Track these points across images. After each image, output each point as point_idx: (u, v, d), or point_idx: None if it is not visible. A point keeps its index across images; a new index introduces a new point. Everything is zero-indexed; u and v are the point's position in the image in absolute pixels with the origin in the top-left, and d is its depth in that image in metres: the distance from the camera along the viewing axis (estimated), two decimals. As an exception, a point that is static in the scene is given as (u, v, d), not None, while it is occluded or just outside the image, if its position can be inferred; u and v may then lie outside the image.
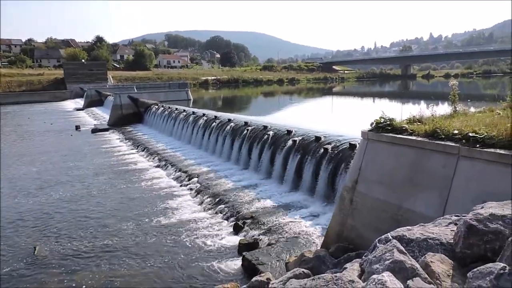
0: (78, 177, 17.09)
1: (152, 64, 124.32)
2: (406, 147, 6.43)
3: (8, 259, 9.35)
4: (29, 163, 20.44)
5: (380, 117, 7.15)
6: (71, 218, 12.11)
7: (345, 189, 7.69)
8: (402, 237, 3.47)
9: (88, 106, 55.37)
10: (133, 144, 24.49)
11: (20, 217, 12.26)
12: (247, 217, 10.84)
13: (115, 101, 35.72)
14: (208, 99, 65.85)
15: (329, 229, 8.03)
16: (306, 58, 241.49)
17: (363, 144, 7.37)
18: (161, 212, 12.17)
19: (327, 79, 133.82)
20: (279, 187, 13.34)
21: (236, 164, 16.86)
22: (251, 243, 9.15)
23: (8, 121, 43.23)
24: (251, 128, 17.19)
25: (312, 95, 72.39)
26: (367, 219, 7.07)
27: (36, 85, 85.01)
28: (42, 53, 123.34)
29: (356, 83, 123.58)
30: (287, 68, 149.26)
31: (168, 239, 10.12)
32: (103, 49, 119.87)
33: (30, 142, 27.98)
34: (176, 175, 16.37)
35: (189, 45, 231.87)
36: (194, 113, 24.29)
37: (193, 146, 21.72)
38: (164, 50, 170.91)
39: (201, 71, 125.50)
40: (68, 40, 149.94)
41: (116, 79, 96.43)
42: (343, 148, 11.59)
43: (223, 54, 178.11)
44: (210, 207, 12.27)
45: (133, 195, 14.23)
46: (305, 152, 12.97)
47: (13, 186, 16.06)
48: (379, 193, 6.88)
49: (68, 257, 9.34)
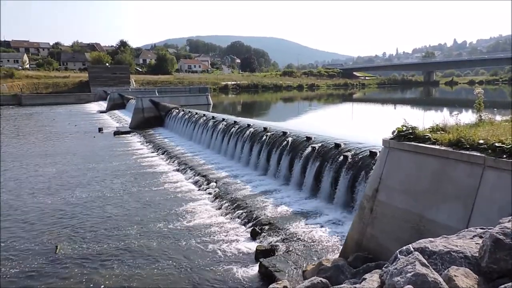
0: (99, 179, 17.44)
1: (174, 68, 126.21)
2: (429, 156, 6.29)
3: (31, 256, 9.59)
4: (51, 163, 20.99)
5: (402, 125, 7.03)
6: (91, 218, 12.35)
7: (365, 197, 7.58)
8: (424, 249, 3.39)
9: (111, 108, 56.60)
10: (154, 147, 24.84)
11: (42, 216, 12.59)
12: (265, 223, 10.81)
13: (137, 104, 36.37)
14: (228, 104, 66.26)
15: (348, 237, 7.92)
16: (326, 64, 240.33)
17: (384, 152, 7.26)
18: (180, 216, 12.27)
19: (347, 85, 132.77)
20: (298, 194, 13.26)
21: (254, 169, 16.87)
22: (268, 249, 9.10)
23: (34, 122, 44.59)
24: (270, 134, 17.18)
25: (332, 101, 71.86)
26: (387, 229, 6.93)
27: (62, 87, 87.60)
28: (69, 57, 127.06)
29: (377, 89, 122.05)
30: (307, 74, 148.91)
31: (186, 243, 10.18)
32: (127, 53, 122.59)
33: (54, 143, 28.75)
34: (195, 179, 16.49)
35: (210, 50, 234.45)
36: (214, 118, 24.47)
37: (212, 150, 21.87)
38: (185, 54, 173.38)
39: (221, 76, 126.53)
40: (93, 44, 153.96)
41: (139, 82, 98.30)
42: (363, 156, 11.44)
43: (243, 59, 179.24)
44: (228, 212, 12.30)
45: (152, 197, 14.41)
46: (324, 159, 12.86)
47: (35, 185, 16.51)
48: (400, 202, 6.75)
49: (88, 256, 9.52)
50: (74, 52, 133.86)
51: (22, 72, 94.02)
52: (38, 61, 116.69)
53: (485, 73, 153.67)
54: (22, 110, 61.15)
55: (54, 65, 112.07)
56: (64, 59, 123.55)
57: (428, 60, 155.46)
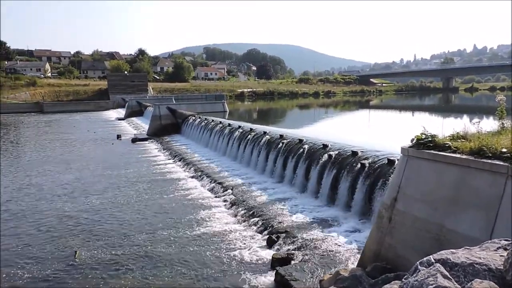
0: (117, 185, 17.69)
1: (191, 76, 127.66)
2: (449, 165, 6.16)
3: (50, 261, 9.78)
4: (71, 170, 21.43)
5: (421, 133, 6.92)
6: (109, 224, 12.52)
7: (384, 206, 7.46)
8: (446, 261, 3.31)
9: (129, 116, 57.52)
10: (170, 154, 25.09)
11: (61, 222, 12.83)
12: (281, 231, 10.75)
13: (154, 111, 36.88)
14: (244, 111, 66.55)
15: (366, 247, 7.80)
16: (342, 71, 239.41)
17: (403, 160, 7.15)
18: (196, 222, 12.32)
19: (364, 92, 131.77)
20: (314, 202, 13.16)
21: (270, 177, 16.84)
22: (285, 257, 9.04)
23: (55, 129, 45.69)
24: (287, 141, 17.14)
25: (349, 108, 71.40)
26: (406, 239, 6.80)
27: (82, 95, 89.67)
28: (89, 65, 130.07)
29: (395, 96, 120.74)
30: (323, 81, 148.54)
31: (202, 250, 10.21)
32: (145, 61, 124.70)
33: (74, 149, 29.36)
34: (211, 186, 16.56)
35: (226, 58, 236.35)
36: (230, 125, 24.59)
37: (228, 157, 21.94)
38: (202, 62, 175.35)
39: (237, 84, 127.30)
40: (113, 52, 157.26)
41: (156, 90, 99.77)
42: (381, 164, 11.29)
43: (259, 66, 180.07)
44: (244, 219, 12.29)
45: (169, 204, 14.53)
46: (341, 166, 12.75)
47: (55, 191, 16.85)
48: (420, 211, 6.62)
49: (106, 262, 9.64)
50: (94, 61, 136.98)
51: (44, 80, 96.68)
52: (60, 70, 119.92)
53: (507, 79, 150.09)
54: (44, 117, 62.76)
55: (74, 73, 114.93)
56: (84, 68, 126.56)
57: (447, 66, 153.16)
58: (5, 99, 78.73)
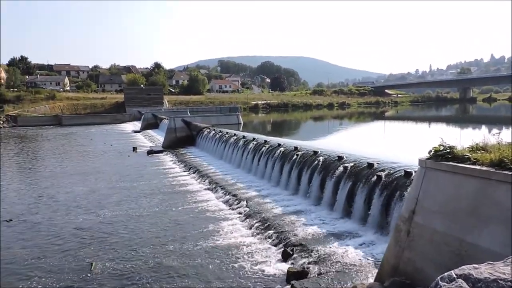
0: (132, 197, 17.85)
1: (205, 88, 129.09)
2: (469, 177, 6.02)
3: (66, 273, 9.85)
4: (87, 181, 21.73)
5: (439, 145, 6.79)
6: (125, 236, 12.59)
7: (401, 219, 7.31)
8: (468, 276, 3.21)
9: (144, 128, 58.31)
10: (185, 166, 25.24)
11: (77, 234, 12.95)
12: (296, 244, 10.63)
13: (169, 124, 37.27)
14: (258, 123, 66.71)
15: (384, 261, 7.63)
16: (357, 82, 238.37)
17: (421, 172, 7.01)
18: (211, 235, 12.29)
19: (379, 103, 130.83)
20: (330, 214, 13.00)
21: (285, 189, 16.74)
22: (300, 271, 8.91)
23: (72, 141, 46.59)
24: (301, 153, 17.07)
25: (363, 120, 70.87)
26: (426, 253, 6.63)
27: (99, 108, 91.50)
28: (106, 79, 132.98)
29: (410, 107, 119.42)
30: (337, 92, 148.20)
31: (216, 262, 10.15)
32: (160, 74, 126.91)
33: (91, 162, 29.83)
34: (226, 198, 16.55)
35: (241, 70, 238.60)
36: (244, 137, 24.64)
37: (243, 170, 21.94)
38: (216, 75, 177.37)
39: (252, 96, 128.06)
40: (129, 66, 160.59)
41: (171, 103, 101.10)
42: (398, 176, 11.11)
43: (273, 78, 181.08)
44: (259, 232, 12.20)
45: (183, 216, 14.55)
46: (357, 178, 12.59)
47: (71, 203, 17.07)
48: (439, 224, 6.46)
49: (121, 275, 9.67)
50: (111, 75, 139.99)
51: (63, 94, 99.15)
52: (78, 83, 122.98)
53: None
54: (62, 130, 64.12)
55: (92, 87, 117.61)
56: (101, 81, 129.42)
57: (464, 76, 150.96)
58: (26, 113, 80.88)
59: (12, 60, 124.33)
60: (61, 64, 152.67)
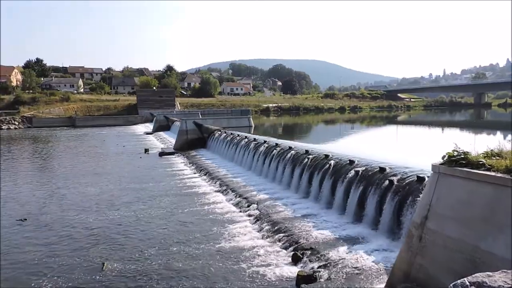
0: (143, 198, 17.98)
1: (217, 91, 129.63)
2: (483, 183, 5.93)
3: (78, 273, 9.97)
4: (100, 182, 21.98)
5: (453, 150, 6.71)
6: (135, 237, 12.69)
7: (413, 225, 7.23)
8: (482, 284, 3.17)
9: (156, 130, 58.79)
10: (196, 168, 25.35)
11: (88, 234, 13.10)
12: (306, 248, 10.58)
13: (181, 126, 37.51)
14: (269, 126, 66.71)
15: (395, 267, 7.55)
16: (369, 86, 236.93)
17: (434, 178, 6.93)
18: (221, 237, 12.31)
19: (391, 107, 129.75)
20: (340, 218, 12.91)
21: (296, 192, 16.69)
22: (310, 275, 8.87)
23: (85, 143, 47.20)
24: (312, 157, 17.01)
25: (375, 124, 70.32)
26: (438, 259, 6.54)
27: (112, 110, 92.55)
28: (119, 81, 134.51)
29: (424, 111, 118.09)
30: (349, 95, 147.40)
31: (226, 265, 10.16)
32: (172, 77, 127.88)
33: (103, 163, 30.18)
34: (236, 200, 16.57)
35: (252, 73, 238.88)
36: (256, 140, 24.66)
37: (253, 172, 21.94)
38: (228, 78, 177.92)
39: (263, 99, 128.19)
40: (142, 69, 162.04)
41: (183, 105, 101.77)
42: (410, 181, 10.98)
43: (284, 81, 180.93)
44: (269, 235, 12.18)
45: (193, 218, 14.61)
46: (368, 183, 12.49)
47: (82, 203, 17.29)
48: (452, 231, 6.37)
49: (132, 275, 9.75)
50: (124, 77, 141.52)
51: (77, 96, 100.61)
52: (92, 86, 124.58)
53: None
54: (76, 131, 65.06)
55: (105, 89, 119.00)
56: (115, 83, 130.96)
57: (479, 81, 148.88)
58: (40, 114, 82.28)
59: (28, 63, 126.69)
60: (75, 66, 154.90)
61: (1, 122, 72.65)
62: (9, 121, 74.21)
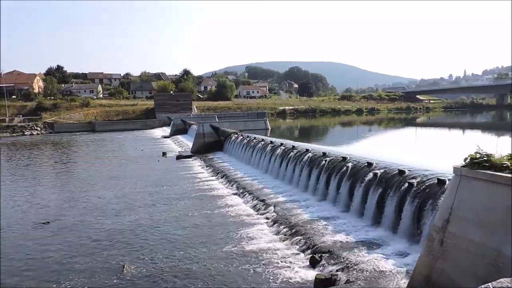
0: (161, 201, 18.20)
1: (233, 94, 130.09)
2: (507, 186, 5.78)
3: (98, 274, 10.17)
4: (118, 185, 22.36)
5: (476, 152, 6.56)
6: (154, 239, 12.86)
7: (434, 228, 7.10)
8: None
9: (174, 134, 59.38)
10: (213, 171, 25.50)
11: (109, 236, 13.35)
12: (324, 251, 10.50)
13: (198, 129, 37.79)
14: (286, 129, 66.57)
15: (415, 271, 7.42)
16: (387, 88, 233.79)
17: (456, 180, 6.79)
18: (238, 239, 12.34)
19: (410, 109, 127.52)
20: (358, 222, 12.77)
21: (313, 195, 16.60)
22: (328, 279, 8.80)
23: (104, 147, 48.07)
24: (329, 159, 16.89)
25: (394, 126, 69.31)
26: (460, 264, 6.40)
27: (130, 114, 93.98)
28: (137, 86, 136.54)
29: (443, 113, 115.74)
30: (367, 97, 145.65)
31: (243, 267, 10.19)
32: (189, 81, 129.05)
33: (122, 166, 30.68)
34: (253, 203, 16.59)
35: (268, 76, 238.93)
36: (272, 143, 24.65)
37: (270, 175, 21.92)
38: (244, 81, 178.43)
39: (279, 101, 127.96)
40: (159, 73, 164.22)
41: (200, 108, 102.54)
42: (430, 184, 10.78)
43: (301, 84, 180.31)
44: (286, 237, 12.15)
45: (211, 220, 14.70)
46: (387, 186, 12.32)
47: (102, 206, 17.64)
48: (475, 235, 6.22)
49: (152, 276, 9.89)
50: (142, 82, 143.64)
51: (97, 101, 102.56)
52: (110, 91, 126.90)
53: None
54: (95, 136, 66.34)
55: (124, 94, 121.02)
56: (133, 88, 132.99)
57: (501, 82, 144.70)
58: (61, 119, 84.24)
59: (49, 70, 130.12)
60: (94, 73, 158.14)
61: (24, 128, 74.67)
62: (31, 127, 76.18)
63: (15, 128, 74.05)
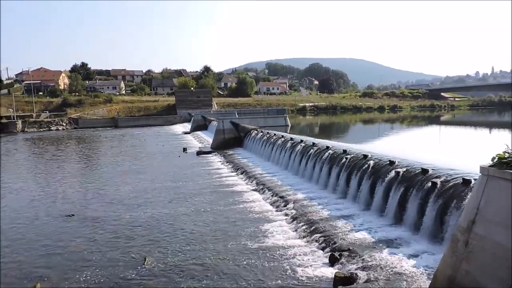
0: (182, 196, 18.41)
1: (253, 91, 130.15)
2: (537, 186, 5.56)
3: (122, 266, 10.39)
4: (140, 180, 22.75)
5: (504, 152, 6.33)
6: (174, 233, 13.05)
7: (459, 229, 6.91)
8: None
9: (194, 130, 59.92)
10: (233, 167, 25.59)
11: (131, 229, 13.63)
12: (344, 249, 10.40)
13: (218, 126, 37.99)
14: (306, 125, 66.18)
15: (438, 272, 7.25)
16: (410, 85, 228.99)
17: (482, 180, 6.58)
18: (257, 235, 12.36)
19: (434, 106, 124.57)
20: (379, 220, 12.57)
21: (333, 192, 16.45)
22: (348, 277, 8.71)
23: (127, 142, 48.97)
24: (350, 157, 16.69)
25: (417, 124, 67.87)
26: (486, 266, 6.21)
27: (152, 110, 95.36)
28: (158, 82, 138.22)
29: (469, 111, 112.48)
30: (389, 94, 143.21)
31: (262, 263, 10.20)
32: (210, 77, 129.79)
33: (144, 161, 31.18)
34: (273, 199, 16.57)
35: (288, 73, 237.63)
36: (292, 139, 24.54)
37: (290, 172, 21.85)
38: (264, 77, 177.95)
39: (299, 98, 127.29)
40: (180, 70, 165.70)
41: (220, 105, 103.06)
42: (455, 184, 10.50)
43: (321, 80, 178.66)
44: (305, 234, 12.09)
45: (231, 216, 14.78)
46: (410, 184, 12.07)
47: (124, 200, 17.97)
48: (502, 237, 6.01)
49: (171, 270, 10.03)
50: (163, 78, 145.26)
51: (119, 98, 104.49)
52: (133, 87, 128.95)
53: None
54: (118, 131, 67.64)
55: (146, 90, 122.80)
56: (154, 85, 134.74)
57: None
58: (86, 115, 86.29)
59: (74, 67, 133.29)
60: (117, 69, 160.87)
61: (50, 124, 76.91)
62: (57, 122, 78.41)
63: (41, 124, 76.36)
